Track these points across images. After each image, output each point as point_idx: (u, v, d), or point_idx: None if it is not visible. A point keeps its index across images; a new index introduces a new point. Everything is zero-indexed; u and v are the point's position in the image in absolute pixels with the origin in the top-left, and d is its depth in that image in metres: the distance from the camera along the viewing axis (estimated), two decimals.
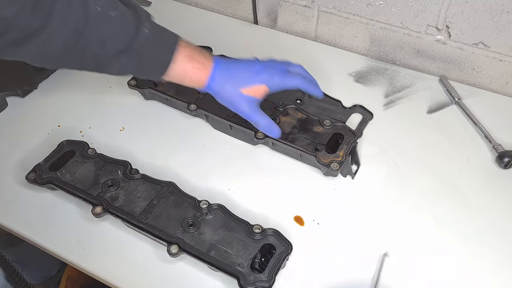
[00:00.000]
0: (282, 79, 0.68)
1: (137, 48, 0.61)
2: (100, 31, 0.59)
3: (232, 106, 0.68)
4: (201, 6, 1.10)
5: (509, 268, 0.62)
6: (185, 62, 0.65)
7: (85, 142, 0.75)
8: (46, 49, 0.57)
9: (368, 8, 0.89)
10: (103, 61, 0.61)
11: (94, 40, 0.59)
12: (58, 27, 0.56)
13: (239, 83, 0.66)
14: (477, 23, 0.80)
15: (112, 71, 0.64)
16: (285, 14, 1.00)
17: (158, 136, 0.80)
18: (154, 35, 0.63)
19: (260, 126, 0.69)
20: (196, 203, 0.66)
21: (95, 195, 0.67)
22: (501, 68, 0.84)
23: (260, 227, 0.63)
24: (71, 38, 0.57)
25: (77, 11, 0.57)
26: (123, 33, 0.60)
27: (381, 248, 0.64)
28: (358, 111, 0.82)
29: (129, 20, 0.61)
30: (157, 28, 0.64)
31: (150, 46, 0.62)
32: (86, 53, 0.60)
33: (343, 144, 0.72)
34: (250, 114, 0.67)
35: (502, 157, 0.72)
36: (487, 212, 0.68)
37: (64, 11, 0.55)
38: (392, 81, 0.89)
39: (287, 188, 0.72)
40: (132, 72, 0.66)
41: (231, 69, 0.67)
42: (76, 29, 0.57)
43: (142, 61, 0.63)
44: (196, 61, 0.66)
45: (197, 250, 0.61)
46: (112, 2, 0.60)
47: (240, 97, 0.66)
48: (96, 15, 0.58)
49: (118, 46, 0.60)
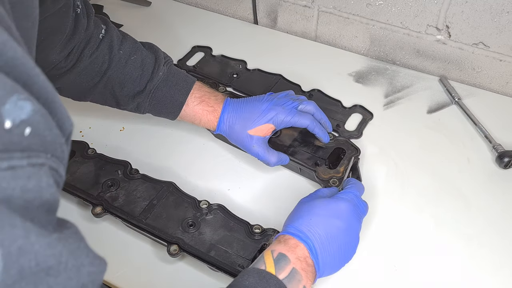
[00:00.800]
0: (289, 118, 0.67)
1: (151, 90, 0.68)
2: (120, 72, 0.67)
3: (242, 146, 0.69)
4: (201, 6, 1.10)
5: (509, 268, 0.62)
6: (195, 104, 0.69)
7: (85, 142, 0.75)
8: (73, 85, 0.67)
9: (368, 8, 0.89)
10: (122, 100, 0.69)
11: (114, 80, 0.67)
12: (86, 68, 0.65)
13: (245, 124, 0.67)
14: (477, 23, 0.80)
15: (130, 109, 0.71)
16: (285, 14, 1.00)
17: (158, 136, 0.80)
18: (169, 79, 0.69)
19: (271, 163, 0.68)
20: (196, 203, 0.66)
21: (95, 195, 0.67)
22: (501, 68, 0.84)
23: (260, 227, 0.63)
24: (95, 77, 0.67)
25: (103, 54, 0.66)
26: (141, 75, 0.67)
27: (381, 248, 0.64)
28: (358, 111, 0.82)
29: (148, 63, 0.68)
30: (173, 72, 0.70)
31: (164, 88, 0.69)
32: (107, 91, 0.68)
33: (344, 160, 0.70)
34: (260, 154, 0.67)
35: (502, 157, 0.72)
36: (487, 212, 0.68)
37: (92, 55, 0.65)
38: (392, 81, 0.89)
39: (287, 188, 0.72)
40: (148, 111, 0.71)
41: (239, 111, 0.68)
42: (101, 69, 0.66)
43: (156, 102, 0.69)
44: (206, 103, 0.69)
45: (197, 250, 0.61)
46: (134, 47, 0.69)
47: (248, 138, 0.67)
48: (119, 57, 0.67)
49: (135, 87, 0.68)
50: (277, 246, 0.52)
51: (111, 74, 0.66)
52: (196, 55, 0.94)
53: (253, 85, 0.88)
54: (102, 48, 0.66)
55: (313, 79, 0.88)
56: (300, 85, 0.87)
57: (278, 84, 0.87)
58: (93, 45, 0.65)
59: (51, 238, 0.26)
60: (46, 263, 0.25)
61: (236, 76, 0.90)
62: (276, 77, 0.89)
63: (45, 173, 0.27)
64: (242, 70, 0.91)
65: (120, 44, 0.67)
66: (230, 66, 0.92)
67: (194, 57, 0.94)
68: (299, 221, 0.54)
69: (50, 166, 0.28)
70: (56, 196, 0.28)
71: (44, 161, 0.27)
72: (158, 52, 0.70)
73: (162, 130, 0.81)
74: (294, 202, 0.69)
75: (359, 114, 0.82)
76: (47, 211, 0.27)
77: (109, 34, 0.67)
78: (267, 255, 0.51)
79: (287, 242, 0.52)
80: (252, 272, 0.49)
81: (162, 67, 0.69)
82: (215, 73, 0.90)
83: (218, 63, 0.93)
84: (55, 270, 0.26)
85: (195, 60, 0.93)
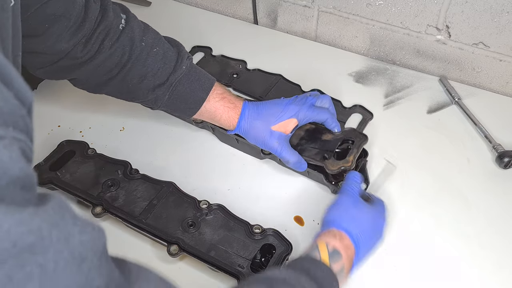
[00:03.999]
0: (310, 113, 0.68)
1: (173, 82, 0.66)
2: (142, 64, 0.64)
3: (263, 143, 0.68)
4: (201, 6, 1.10)
5: (509, 268, 0.62)
6: (217, 101, 0.68)
7: (85, 142, 0.75)
8: (91, 76, 0.65)
9: (368, 8, 0.89)
10: (139, 93, 0.67)
11: (134, 73, 0.65)
12: (105, 59, 0.63)
13: (269, 120, 0.67)
14: (477, 23, 0.80)
15: (147, 103, 0.69)
16: (285, 14, 1.00)
17: (158, 136, 0.80)
18: (191, 73, 0.67)
19: (290, 163, 0.68)
20: (196, 203, 0.66)
21: (95, 195, 0.67)
22: (501, 68, 0.84)
23: (260, 227, 0.63)
24: (114, 69, 0.64)
25: (124, 45, 0.63)
26: (162, 68, 0.65)
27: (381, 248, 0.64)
28: (358, 111, 0.82)
29: (170, 56, 0.66)
30: (195, 68, 0.69)
31: (186, 82, 0.67)
32: (125, 84, 0.66)
33: (353, 149, 0.68)
34: (281, 152, 0.67)
35: (502, 157, 0.72)
36: (487, 212, 0.68)
37: (112, 46, 0.62)
38: (392, 81, 0.89)
39: (287, 188, 0.72)
40: (166, 106, 0.69)
41: (260, 108, 0.68)
42: (120, 61, 0.63)
43: (176, 96, 0.67)
44: (228, 100, 0.69)
45: (197, 250, 0.61)
46: (156, 39, 0.66)
47: (271, 135, 0.67)
48: (140, 49, 0.64)
49: (156, 81, 0.66)
50: (331, 240, 0.53)
51: (131, 66, 0.64)
52: (196, 55, 0.94)
53: (253, 85, 0.88)
54: (123, 40, 0.63)
55: (313, 79, 0.88)
56: (300, 85, 0.86)
57: (278, 84, 0.87)
58: (113, 36, 0.63)
59: (23, 214, 0.24)
60: (24, 242, 0.24)
61: (236, 76, 0.90)
62: (276, 77, 0.89)
63: (7, 146, 0.25)
64: (242, 70, 0.91)
65: (142, 36, 0.65)
66: (230, 66, 0.92)
67: (194, 57, 0.94)
68: (354, 224, 0.55)
69: (12, 138, 0.26)
70: (27, 170, 0.27)
71: (3, 133, 0.25)
72: (180, 46, 0.69)
73: (162, 130, 0.81)
74: (294, 203, 0.70)
75: (359, 114, 0.82)
76: (22, 189, 0.26)
77: (129, 25, 0.64)
78: (322, 246, 0.52)
79: (342, 240, 0.53)
80: (308, 259, 0.51)
81: (185, 61, 0.67)
82: (215, 73, 0.89)
83: (218, 63, 0.93)
84: (40, 246, 0.24)
85: (195, 60, 0.93)
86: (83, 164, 0.72)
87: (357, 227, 0.55)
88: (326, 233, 0.54)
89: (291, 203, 0.70)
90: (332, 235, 0.54)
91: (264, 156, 0.73)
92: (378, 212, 0.59)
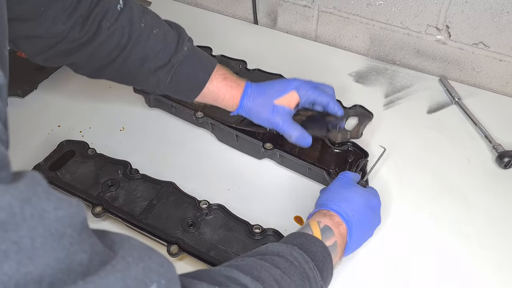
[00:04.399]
0: (313, 91, 0.69)
1: (175, 64, 0.65)
2: (142, 46, 0.63)
3: (266, 120, 0.68)
4: (201, 6, 1.10)
5: (509, 268, 0.62)
6: (219, 81, 0.68)
7: (85, 142, 0.75)
8: (90, 60, 0.63)
9: (368, 8, 0.89)
10: (141, 75, 0.66)
11: (135, 55, 0.64)
12: (104, 41, 0.61)
13: (271, 94, 0.68)
14: (477, 23, 0.80)
15: (148, 86, 0.68)
16: (285, 14, 1.00)
17: (158, 136, 0.80)
18: (193, 54, 0.67)
19: (293, 137, 0.68)
20: (196, 203, 0.66)
21: (95, 195, 0.67)
22: (501, 68, 0.84)
23: (260, 227, 0.63)
24: (114, 51, 0.63)
25: (123, 26, 0.62)
26: (163, 49, 0.65)
27: (381, 248, 0.64)
28: (358, 111, 0.82)
29: (171, 38, 0.65)
30: (197, 49, 0.69)
31: (188, 63, 0.66)
32: (126, 66, 0.64)
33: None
34: (284, 126, 0.67)
35: (502, 157, 0.72)
36: (487, 212, 0.68)
37: (110, 27, 0.61)
38: (392, 81, 0.89)
39: (287, 188, 0.72)
40: (168, 89, 0.68)
41: (263, 86, 0.69)
42: (120, 43, 0.62)
43: (178, 78, 0.67)
44: (230, 79, 0.69)
45: (197, 250, 0.61)
46: (156, 21, 0.66)
47: (274, 109, 0.67)
48: (140, 31, 0.63)
49: (157, 62, 0.65)
50: (322, 219, 0.55)
51: (131, 48, 0.63)
52: None
53: None
54: (122, 20, 0.62)
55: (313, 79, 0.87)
56: None
57: None
58: (111, 17, 0.61)
59: None
60: None
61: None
62: (276, 77, 0.88)
63: None
64: (242, 70, 0.91)
65: (141, 17, 0.64)
66: (230, 66, 0.92)
67: None
68: (344, 203, 0.57)
69: None
70: None
71: None
72: (180, 28, 0.68)
73: (162, 130, 0.81)
74: (294, 202, 0.70)
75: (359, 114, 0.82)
76: None
77: (128, 6, 0.63)
78: (313, 224, 0.54)
79: (332, 217, 0.55)
80: (300, 234, 0.52)
81: (186, 42, 0.66)
82: None
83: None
84: (12, 223, 0.24)
85: None
86: (83, 164, 0.72)
87: (348, 206, 0.57)
88: (317, 213, 0.57)
89: (291, 203, 0.70)
90: (322, 214, 0.56)
91: (265, 154, 0.74)
92: (371, 194, 0.61)
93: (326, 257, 0.51)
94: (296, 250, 0.48)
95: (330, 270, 0.51)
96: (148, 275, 0.29)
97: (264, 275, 0.42)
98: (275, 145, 0.71)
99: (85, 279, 0.26)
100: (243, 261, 0.45)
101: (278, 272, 0.44)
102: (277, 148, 0.71)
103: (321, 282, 0.48)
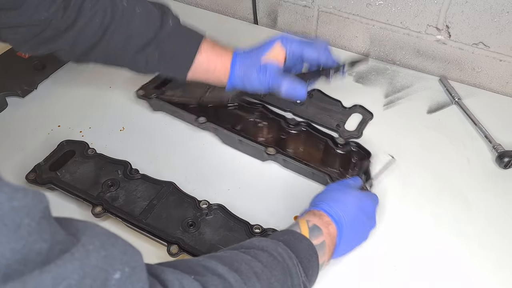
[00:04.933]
0: (299, 42, 0.68)
1: (162, 39, 0.65)
2: (125, 25, 0.63)
3: (256, 81, 0.68)
4: (201, 6, 1.10)
5: (509, 268, 0.62)
6: (209, 52, 0.68)
7: (85, 142, 0.75)
8: (76, 44, 0.63)
9: (368, 8, 0.89)
10: (128, 56, 0.65)
11: (119, 34, 0.63)
12: (86, 23, 0.61)
13: (258, 53, 0.68)
14: (477, 23, 0.80)
15: (137, 67, 0.68)
16: (285, 14, 1.00)
17: (158, 136, 0.80)
18: (179, 28, 0.67)
19: (283, 88, 0.67)
20: (196, 203, 0.66)
21: (95, 195, 0.67)
22: (501, 68, 0.84)
23: (260, 227, 0.63)
24: (97, 32, 0.62)
25: (105, 7, 0.62)
26: (148, 27, 0.64)
27: (381, 248, 0.64)
28: (358, 111, 0.82)
29: (155, 15, 0.65)
30: (182, 24, 0.68)
31: (175, 37, 0.66)
32: (111, 48, 0.64)
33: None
34: (272, 80, 0.67)
35: (502, 157, 0.72)
36: (487, 212, 0.68)
37: (92, 8, 0.61)
38: (392, 81, 0.89)
39: (288, 188, 0.72)
40: (158, 67, 0.68)
41: (249, 49, 0.70)
42: (103, 23, 0.62)
43: (166, 53, 0.66)
44: (219, 47, 0.69)
45: (197, 250, 0.61)
46: (139, 0, 0.65)
47: (261, 67, 0.67)
48: (122, 10, 0.63)
49: (143, 39, 0.64)
50: (312, 218, 0.55)
51: (115, 28, 0.63)
52: None
53: None
54: (103, 1, 0.62)
55: None
56: None
57: None
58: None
59: None
60: None
61: None
62: None
63: None
64: None
65: None
66: None
67: None
68: (334, 204, 0.57)
69: None
70: None
71: None
72: (165, 7, 0.68)
73: (162, 130, 0.81)
74: (294, 202, 0.70)
75: (359, 114, 0.82)
76: None
77: None
78: (302, 223, 0.54)
79: (322, 217, 0.55)
80: (287, 232, 0.53)
81: (170, 18, 0.66)
82: None
83: None
84: None
85: None
86: (83, 164, 0.72)
87: (339, 207, 0.56)
88: (308, 213, 0.57)
89: (291, 203, 0.70)
90: (312, 214, 0.56)
91: (268, 158, 0.73)
92: (366, 197, 0.60)
93: (312, 255, 0.51)
94: (281, 246, 0.48)
95: (315, 268, 0.51)
96: (110, 263, 0.29)
97: (244, 267, 0.42)
98: (278, 150, 0.71)
99: (42, 268, 0.25)
100: (225, 253, 0.45)
101: (259, 266, 0.44)
102: (280, 153, 0.71)
103: (304, 279, 0.48)
